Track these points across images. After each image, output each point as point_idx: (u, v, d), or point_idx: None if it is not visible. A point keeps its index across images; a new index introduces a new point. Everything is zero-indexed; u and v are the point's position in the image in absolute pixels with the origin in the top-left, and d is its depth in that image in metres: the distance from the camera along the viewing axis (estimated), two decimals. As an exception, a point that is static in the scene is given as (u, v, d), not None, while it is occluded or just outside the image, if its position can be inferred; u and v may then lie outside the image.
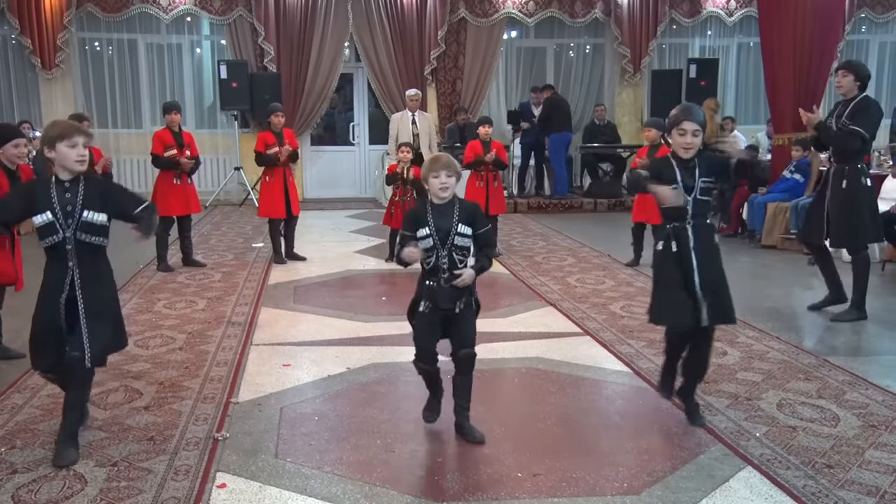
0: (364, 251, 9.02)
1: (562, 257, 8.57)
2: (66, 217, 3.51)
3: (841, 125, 5.70)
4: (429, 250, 3.69)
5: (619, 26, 13.77)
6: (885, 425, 3.98)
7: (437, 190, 3.68)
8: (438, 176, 3.66)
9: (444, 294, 3.70)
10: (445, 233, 3.67)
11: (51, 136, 3.55)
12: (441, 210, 3.71)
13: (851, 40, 14.19)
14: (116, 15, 12.90)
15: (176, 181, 7.81)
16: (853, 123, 5.64)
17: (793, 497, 3.26)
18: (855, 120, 5.64)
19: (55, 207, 3.50)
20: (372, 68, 13.45)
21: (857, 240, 5.90)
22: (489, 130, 8.51)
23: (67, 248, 3.53)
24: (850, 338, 5.67)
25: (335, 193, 14.03)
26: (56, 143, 3.52)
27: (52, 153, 3.54)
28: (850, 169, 5.75)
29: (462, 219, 3.70)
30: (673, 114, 3.90)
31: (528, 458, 3.66)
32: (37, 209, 3.51)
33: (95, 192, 3.59)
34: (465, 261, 3.71)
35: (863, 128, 5.62)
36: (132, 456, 3.63)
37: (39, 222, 3.51)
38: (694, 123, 3.79)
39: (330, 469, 3.54)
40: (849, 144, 5.68)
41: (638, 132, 14.24)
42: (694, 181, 3.82)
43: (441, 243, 3.67)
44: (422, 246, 3.67)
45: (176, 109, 7.97)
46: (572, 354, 5.22)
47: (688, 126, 3.79)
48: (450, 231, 3.67)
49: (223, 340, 5.51)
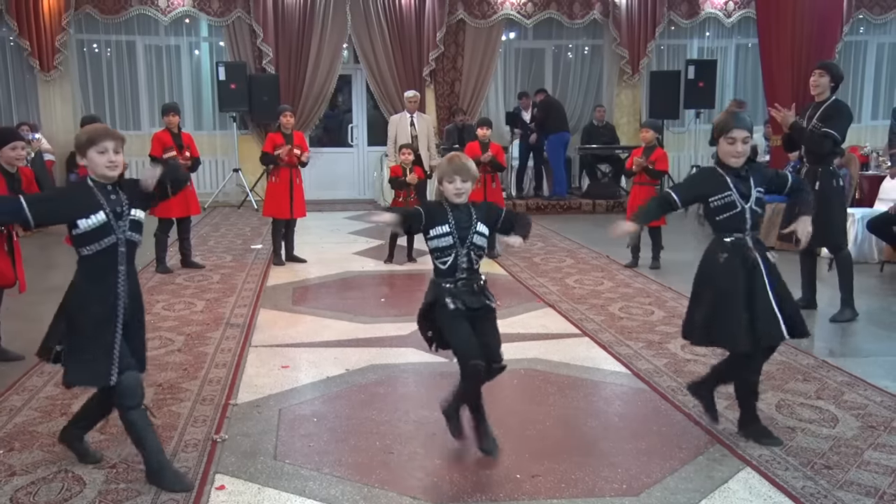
0: (363, 252, 9.02)
1: (560, 258, 8.57)
2: (116, 218, 3.31)
3: (813, 127, 5.76)
4: (447, 249, 3.59)
5: (618, 27, 13.78)
6: (883, 426, 3.98)
7: (451, 195, 3.61)
8: (453, 181, 3.58)
9: (468, 293, 3.61)
10: (466, 231, 3.60)
11: (81, 142, 3.33)
12: (462, 210, 3.64)
13: (849, 41, 14.19)
14: (115, 17, 12.89)
15: None
16: (825, 126, 5.71)
17: (792, 498, 3.26)
18: (827, 123, 5.72)
19: (106, 208, 3.30)
20: (370, 70, 13.45)
21: (833, 239, 5.98)
22: (488, 132, 8.52)
23: (120, 250, 3.33)
24: (848, 338, 5.68)
25: (334, 195, 14.02)
26: (87, 149, 3.31)
27: (84, 160, 3.35)
28: (823, 170, 5.83)
29: (480, 217, 3.65)
30: (720, 120, 3.78)
31: (526, 459, 3.66)
32: (84, 211, 3.27)
33: (128, 189, 3.41)
34: (479, 262, 3.66)
35: (835, 131, 5.70)
36: (131, 457, 3.62)
37: (91, 225, 3.26)
38: (744, 131, 3.67)
39: (329, 470, 3.54)
40: (821, 147, 5.74)
41: (637, 133, 14.22)
42: (749, 190, 3.70)
43: (461, 242, 3.59)
44: (440, 244, 3.59)
45: (174, 111, 7.97)
46: (571, 355, 5.22)
47: (737, 134, 3.66)
48: (469, 229, 3.60)
49: (222, 342, 5.51)
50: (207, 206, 12.84)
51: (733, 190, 3.68)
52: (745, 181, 3.70)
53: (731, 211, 3.68)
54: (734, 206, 3.68)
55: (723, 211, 3.70)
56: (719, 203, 3.70)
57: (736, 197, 3.68)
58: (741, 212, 3.68)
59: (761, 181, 3.75)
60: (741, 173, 3.71)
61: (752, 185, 3.70)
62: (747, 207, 3.68)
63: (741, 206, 3.67)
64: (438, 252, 3.61)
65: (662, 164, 7.91)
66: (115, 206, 3.32)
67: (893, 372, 4.86)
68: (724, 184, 3.69)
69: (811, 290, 6.28)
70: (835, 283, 6.22)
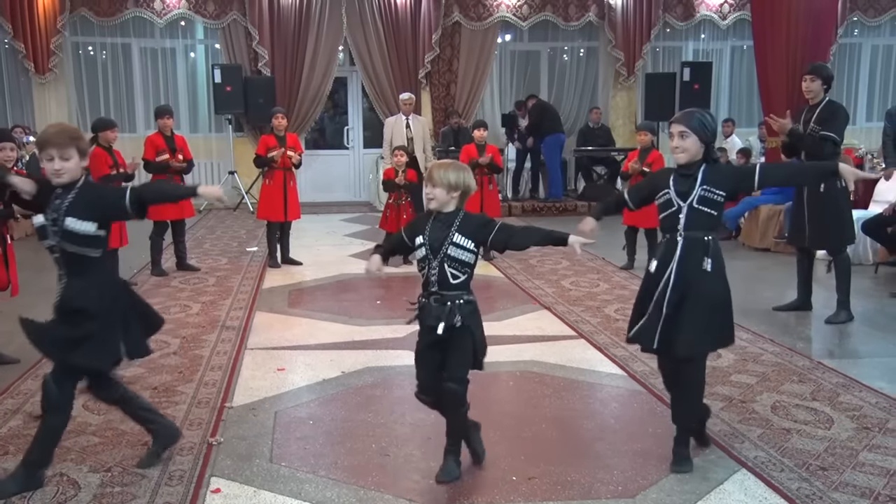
0: (359, 255, 9.00)
1: (556, 260, 8.58)
2: (52, 223, 3.31)
3: (811, 131, 5.76)
4: (422, 260, 3.42)
5: (613, 30, 13.80)
6: (878, 427, 3.99)
7: (425, 201, 3.45)
8: (426, 186, 3.41)
9: (429, 310, 3.39)
10: (439, 242, 3.36)
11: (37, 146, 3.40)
12: (442, 219, 3.41)
13: (844, 43, 14.23)
14: (110, 19, 12.88)
15: None
16: (824, 129, 5.71)
17: (787, 499, 3.27)
18: (825, 125, 5.72)
19: (49, 213, 3.32)
20: (366, 72, 13.46)
21: (837, 242, 5.99)
22: (484, 134, 8.52)
23: (54, 255, 3.36)
24: (843, 340, 5.70)
25: (329, 197, 14.02)
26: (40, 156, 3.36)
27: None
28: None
29: (462, 230, 3.37)
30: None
31: (522, 461, 3.66)
32: (41, 208, 3.35)
33: (85, 198, 3.33)
34: (459, 277, 3.36)
35: (834, 132, 5.70)
36: (126, 461, 3.62)
37: (37, 223, 3.36)
38: (679, 125, 3.54)
39: (325, 473, 3.54)
40: (822, 150, 5.72)
41: (632, 135, 14.24)
42: (691, 189, 3.51)
43: (433, 253, 3.37)
44: (418, 255, 3.43)
45: (168, 114, 7.95)
46: (567, 357, 5.22)
47: (673, 128, 3.57)
48: (444, 241, 3.35)
49: (217, 345, 5.50)
50: (203, 209, 12.84)
51: (671, 188, 3.56)
52: (689, 180, 3.53)
53: (668, 210, 3.57)
54: (670, 204, 3.56)
55: (662, 209, 3.61)
56: (660, 201, 3.61)
57: (672, 195, 3.55)
58: (676, 210, 3.53)
59: (718, 180, 3.52)
60: (688, 172, 3.55)
61: (696, 184, 3.51)
62: (684, 206, 3.51)
63: (677, 204, 3.53)
64: (420, 263, 3.46)
65: (659, 166, 7.90)
66: (55, 212, 3.31)
67: (888, 373, 4.87)
68: (665, 182, 3.60)
69: (807, 291, 6.30)
70: (830, 285, 6.24)
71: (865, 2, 14.16)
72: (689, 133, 3.51)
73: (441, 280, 3.37)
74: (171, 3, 12.97)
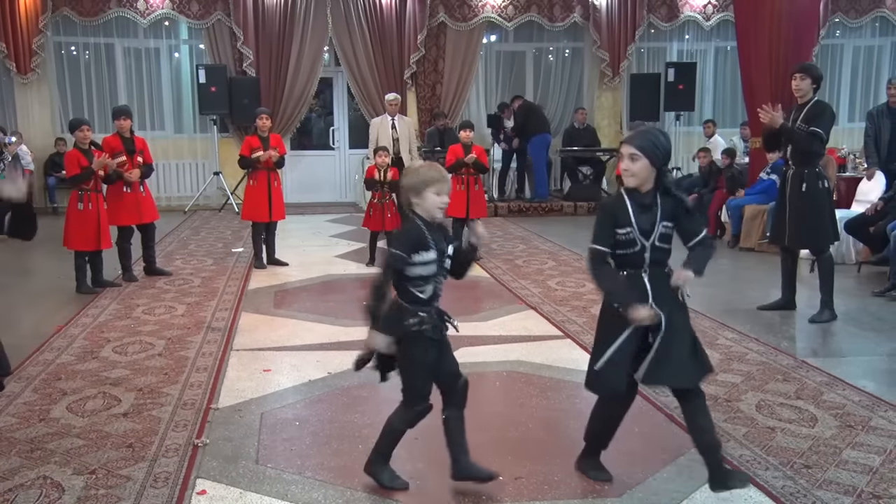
0: (345, 255, 9.00)
1: (542, 260, 8.59)
2: None
3: (799, 128, 5.82)
4: (428, 278, 3.24)
5: (598, 30, 13.85)
6: (861, 425, 4.02)
7: (435, 208, 3.23)
8: (442, 194, 3.21)
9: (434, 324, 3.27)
10: (443, 255, 3.26)
11: None
12: (434, 229, 3.27)
13: (826, 44, 14.34)
14: (93, 19, 12.79)
15: (126, 189, 7.37)
16: (811, 126, 5.77)
17: (772, 497, 3.28)
18: (812, 123, 5.78)
19: None
20: (352, 72, 13.43)
21: (818, 241, 6.04)
22: (470, 134, 8.53)
23: None
24: (827, 339, 5.74)
25: (315, 198, 13.99)
26: None
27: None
28: (809, 172, 5.89)
29: (448, 238, 3.34)
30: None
31: (509, 461, 3.66)
32: None
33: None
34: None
35: (821, 130, 5.76)
36: (111, 463, 3.60)
37: None
38: (630, 146, 3.12)
39: (311, 474, 3.53)
40: (810, 145, 5.80)
41: (617, 136, 14.33)
42: (653, 225, 3.15)
43: (440, 268, 3.27)
44: (424, 272, 3.22)
45: (125, 114, 7.48)
46: (553, 357, 5.23)
47: (623, 149, 3.16)
48: (444, 252, 3.27)
49: (203, 346, 5.48)
50: (188, 210, 12.79)
51: (633, 226, 3.15)
52: (650, 213, 3.16)
53: (631, 249, 3.17)
54: (633, 244, 3.16)
55: (622, 247, 3.18)
56: (622, 238, 3.17)
57: (636, 234, 3.15)
58: (640, 250, 3.16)
59: (672, 216, 3.19)
60: (646, 202, 3.17)
61: (657, 219, 3.15)
62: (648, 245, 3.15)
63: (641, 243, 3.15)
64: (420, 281, 3.23)
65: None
66: None
67: (871, 372, 4.92)
68: (626, 216, 3.16)
69: (791, 290, 6.34)
70: (814, 284, 6.29)
71: (847, 3, 14.27)
72: (640, 156, 3.10)
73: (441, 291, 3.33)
74: (155, 3, 12.89)
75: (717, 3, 14.09)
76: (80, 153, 6.99)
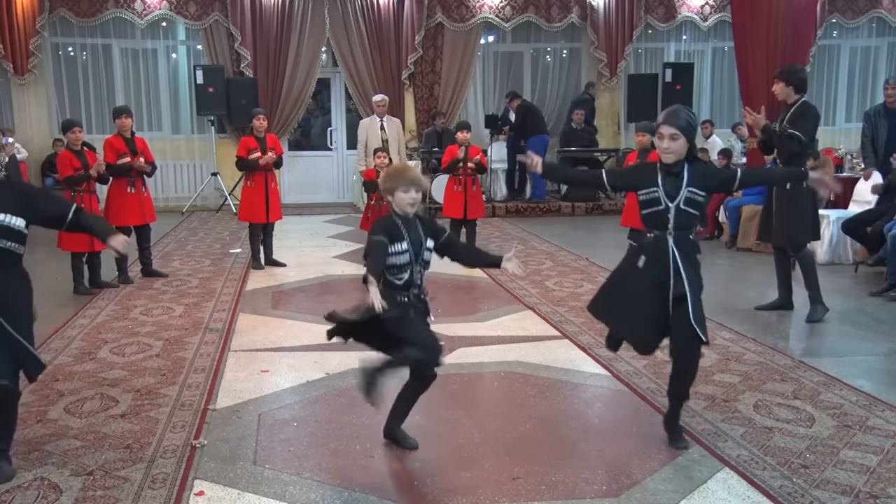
0: (342, 256, 8.99)
1: (540, 261, 8.60)
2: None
3: (781, 129, 5.90)
4: (404, 266, 3.58)
5: (596, 31, 13.86)
6: (858, 425, 4.02)
7: (405, 205, 3.56)
8: (408, 191, 3.54)
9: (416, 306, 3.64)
10: (419, 246, 3.59)
11: None
12: (409, 223, 3.60)
13: (823, 45, 14.36)
14: (90, 19, 12.78)
15: (130, 189, 7.41)
16: (792, 127, 5.84)
17: (769, 497, 3.29)
18: (794, 124, 5.86)
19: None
20: (349, 73, 13.43)
21: (797, 238, 6.08)
22: (467, 135, 8.54)
23: None
24: (824, 339, 5.74)
25: (313, 198, 13.99)
26: None
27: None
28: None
29: (427, 232, 3.65)
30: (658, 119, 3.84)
31: (507, 461, 3.66)
32: None
33: (13, 195, 3.46)
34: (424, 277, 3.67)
35: (800, 131, 5.82)
36: (108, 464, 3.59)
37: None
38: (671, 127, 3.61)
39: (309, 475, 3.53)
40: (788, 147, 5.87)
41: (615, 136, 14.37)
42: (678, 190, 3.64)
43: (416, 258, 3.58)
44: (398, 262, 3.56)
45: (126, 113, 7.53)
46: (551, 358, 5.23)
47: (664, 130, 3.63)
48: (421, 244, 3.59)
49: (201, 347, 5.47)
50: (185, 210, 12.78)
51: (659, 187, 3.65)
52: (676, 179, 3.65)
53: (655, 207, 3.66)
54: (658, 202, 3.65)
55: (647, 206, 3.69)
56: (645, 198, 3.68)
57: (661, 194, 3.64)
58: (664, 210, 3.64)
59: (702, 182, 3.69)
60: (674, 171, 3.66)
61: (683, 185, 3.64)
62: (672, 206, 3.63)
63: (665, 203, 3.64)
64: (396, 269, 3.58)
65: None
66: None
67: (868, 371, 4.92)
68: (653, 179, 3.67)
69: (787, 290, 6.34)
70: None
71: (844, 4, 14.29)
72: (679, 135, 3.61)
73: (420, 281, 3.66)
74: (152, 3, 12.88)
75: (715, 4, 14.12)
76: (73, 154, 6.99)
